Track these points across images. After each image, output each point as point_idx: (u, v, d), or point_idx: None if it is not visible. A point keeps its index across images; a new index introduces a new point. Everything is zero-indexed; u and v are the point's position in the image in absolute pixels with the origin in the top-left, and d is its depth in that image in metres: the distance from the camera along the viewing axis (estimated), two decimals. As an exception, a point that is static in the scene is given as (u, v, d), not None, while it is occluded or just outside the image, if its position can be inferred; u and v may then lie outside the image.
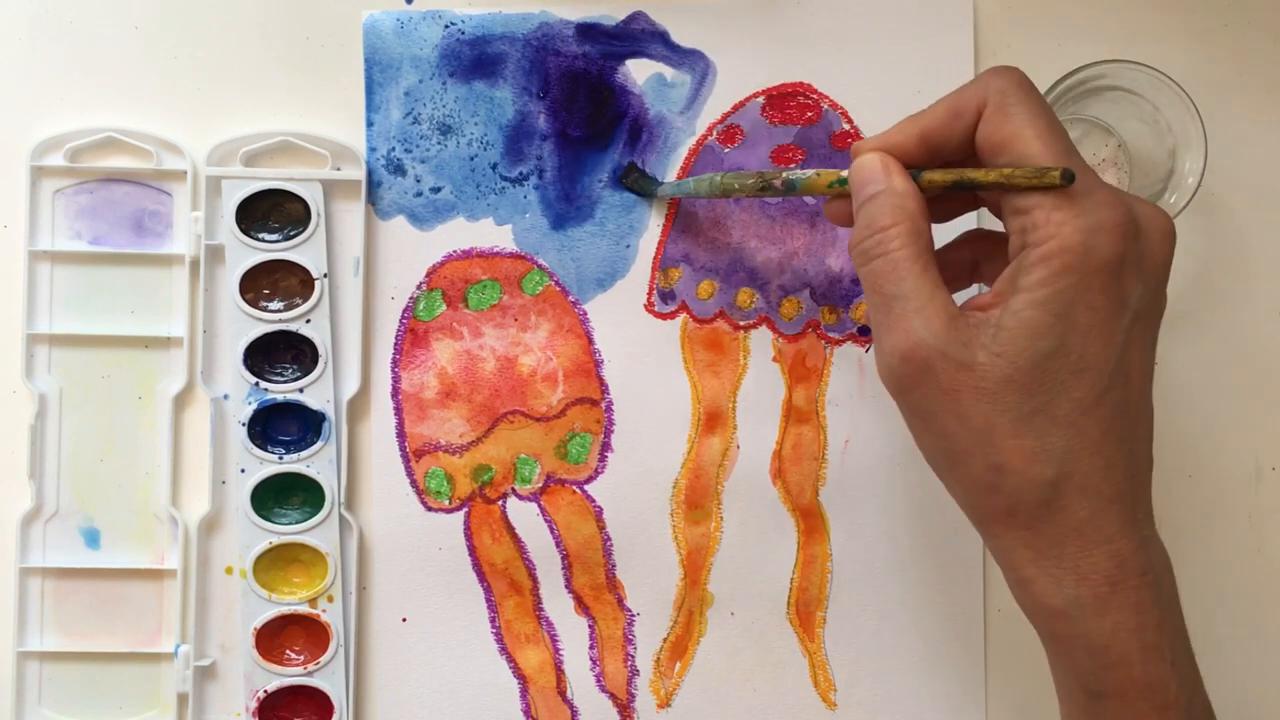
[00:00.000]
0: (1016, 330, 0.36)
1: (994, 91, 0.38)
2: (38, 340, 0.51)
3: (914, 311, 0.37)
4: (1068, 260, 0.36)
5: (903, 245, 0.37)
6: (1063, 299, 0.36)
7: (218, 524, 0.52)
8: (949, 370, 0.36)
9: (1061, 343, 0.36)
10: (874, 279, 0.38)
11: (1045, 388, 0.36)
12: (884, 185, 0.38)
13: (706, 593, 0.52)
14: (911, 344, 0.37)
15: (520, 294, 0.52)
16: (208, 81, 0.52)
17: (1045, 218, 0.36)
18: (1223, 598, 0.52)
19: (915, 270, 0.37)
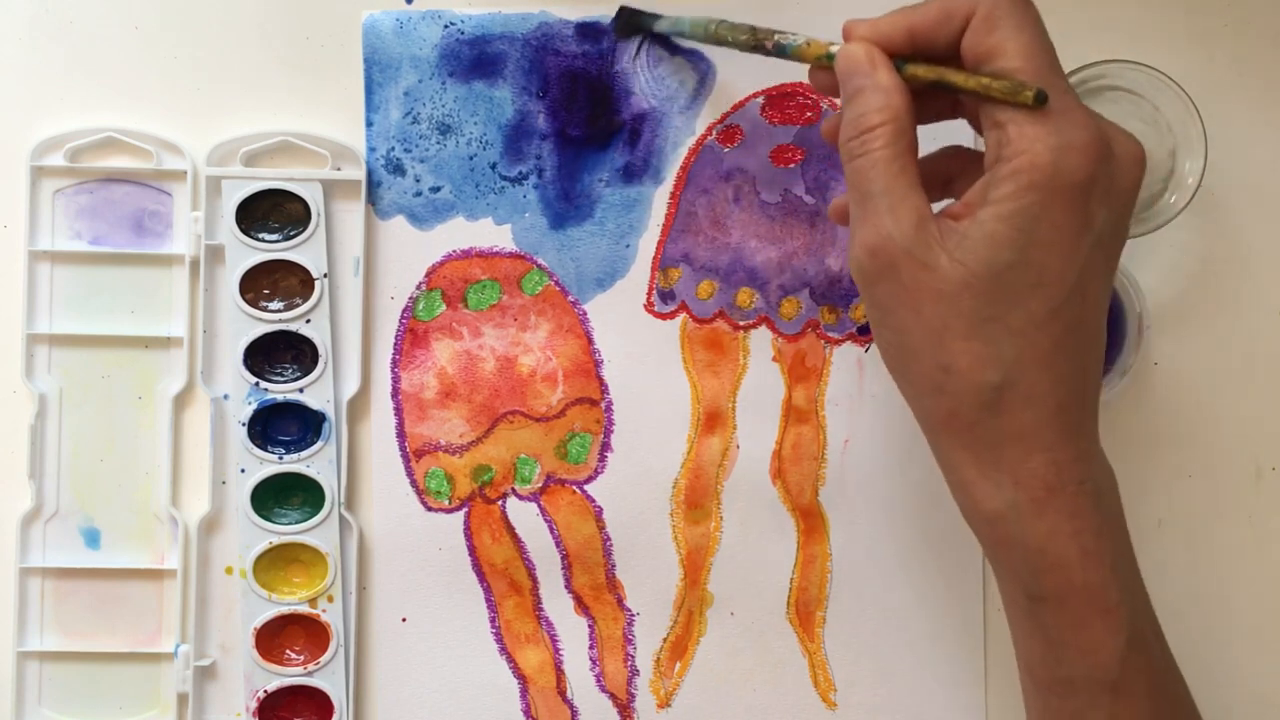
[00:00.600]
0: (979, 240, 0.37)
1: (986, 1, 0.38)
2: (38, 340, 0.51)
3: (886, 210, 0.38)
4: (1036, 177, 0.36)
5: (885, 145, 0.38)
6: (1027, 214, 0.36)
7: (218, 524, 0.52)
8: (911, 269, 0.37)
9: (1022, 256, 0.36)
10: (855, 175, 0.39)
11: (1001, 297, 0.37)
12: (869, 80, 0.39)
13: (706, 593, 0.52)
14: (880, 239, 0.38)
15: (520, 294, 0.52)
16: (208, 81, 0.52)
17: (1018, 133, 0.36)
18: (1223, 598, 0.52)
19: (894, 170, 0.38)
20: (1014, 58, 0.37)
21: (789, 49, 0.44)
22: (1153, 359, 0.52)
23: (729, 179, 0.52)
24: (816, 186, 0.52)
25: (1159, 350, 0.52)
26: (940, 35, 0.39)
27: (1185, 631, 0.52)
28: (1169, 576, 0.52)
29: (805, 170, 0.52)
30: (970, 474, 0.39)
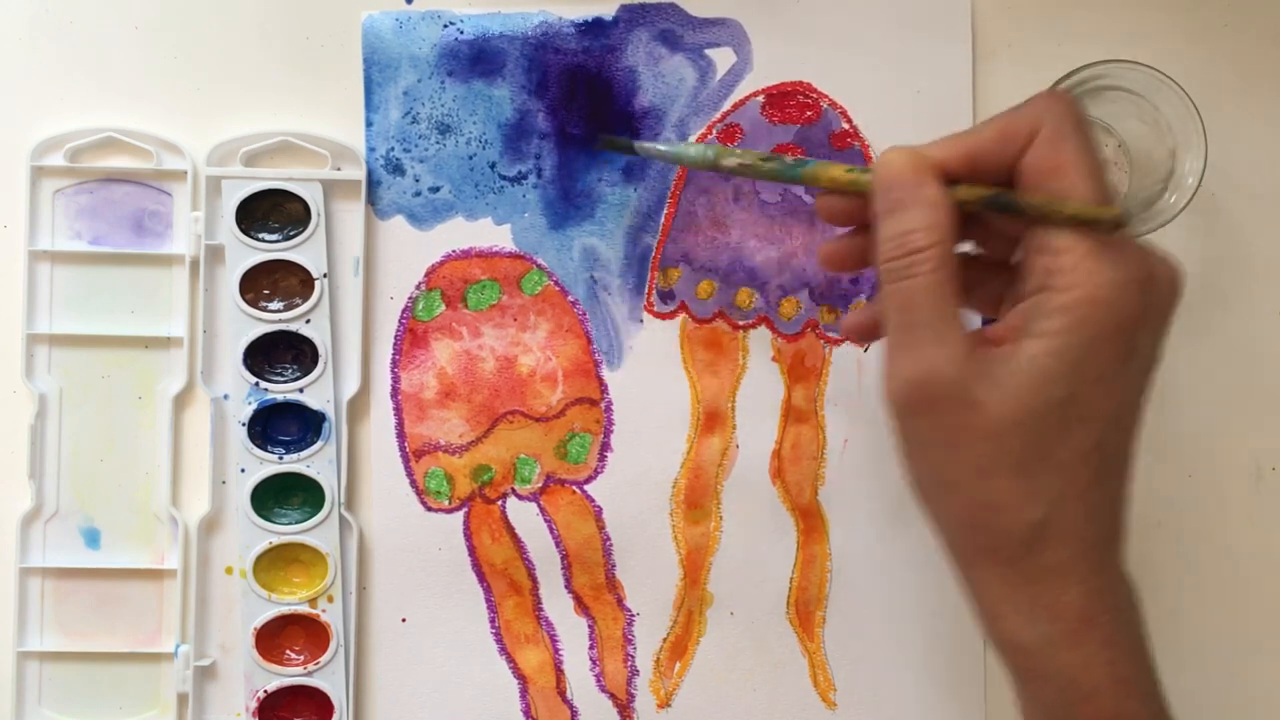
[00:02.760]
0: (1031, 376, 0.36)
1: (1050, 118, 0.37)
2: (38, 340, 0.51)
3: (934, 340, 0.36)
4: (1091, 312, 0.35)
5: (934, 269, 0.36)
6: (1078, 350, 0.35)
7: (218, 524, 0.52)
8: (957, 406, 0.36)
9: (1071, 392, 0.36)
10: (899, 300, 0.37)
11: (1049, 434, 0.36)
12: (914, 193, 0.37)
13: (706, 593, 0.52)
14: (926, 373, 0.36)
15: (519, 294, 0.52)
16: (208, 81, 0.52)
17: (1074, 264, 0.35)
18: (1223, 598, 0.52)
19: (942, 297, 0.36)
20: (1082, 178, 0.36)
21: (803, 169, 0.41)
22: (1153, 359, 0.52)
23: (729, 179, 0.52)
24: (816, 186, 0.52)
25: (1159, 350, 0.52)
26: (997, 157, 0.38)
27: (1185, 631, 0.52)
28: (1169, 576, 0.52)
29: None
30: (1003, 607, 0.37)
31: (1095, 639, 0.36)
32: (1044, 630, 0.37)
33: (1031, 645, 0.37)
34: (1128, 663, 0.37)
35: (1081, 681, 0.37)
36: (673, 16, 0.52)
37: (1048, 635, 0.37)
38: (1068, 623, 0.36)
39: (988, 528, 0.37)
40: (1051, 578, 0.37)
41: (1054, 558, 0.36)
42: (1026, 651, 0.37)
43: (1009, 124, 0.38)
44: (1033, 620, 0.37)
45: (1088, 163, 0.36)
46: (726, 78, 0.52)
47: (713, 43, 0.52)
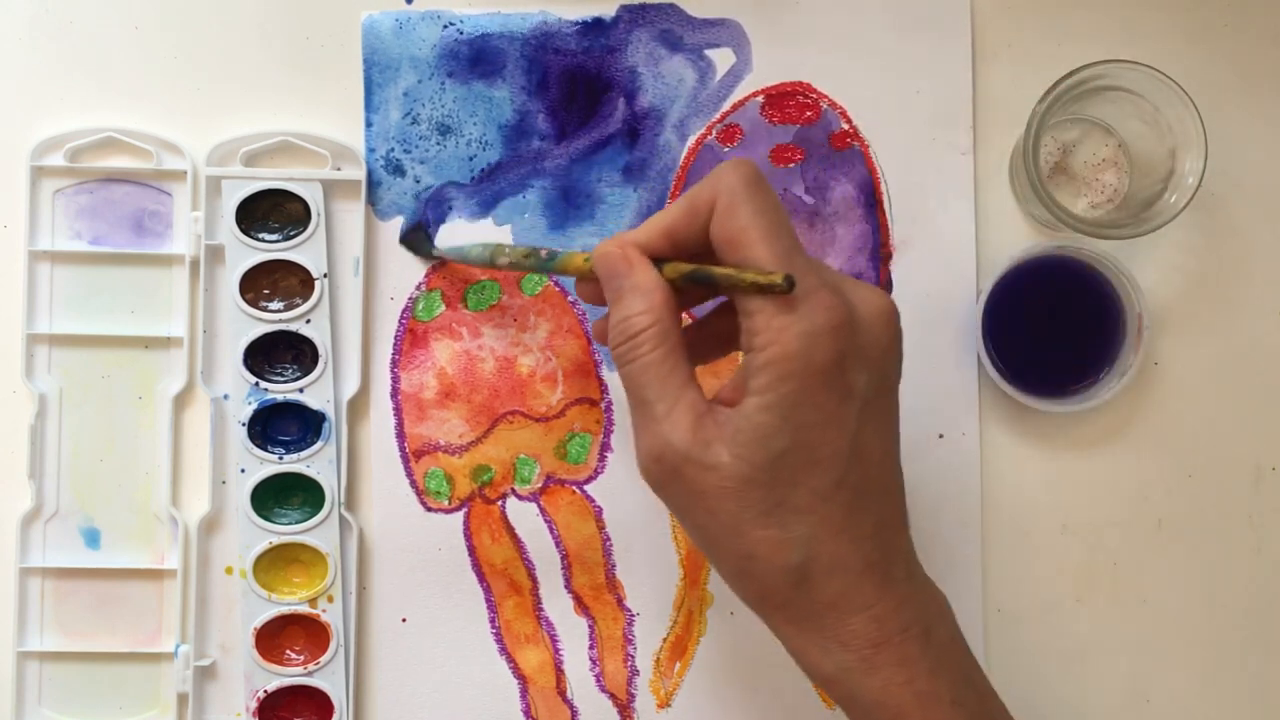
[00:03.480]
0: (750, 433, 0.37)
1: (723, 189, 0.39)
2: (38, 340, 0.51)
3: (662, 416, 0.38)
4: (789, 366, 0.37)
5: (652, 348, 0.39)
6: (788, 402, 0.37)
7: (218, 524, 0.52)
8: (694, 472, 0.38)
9: (793, 441, 0.37)
10: (628, 382, 0.39)
11: (782, 482, 0.38)
12: (629, 280, 0.40)
13: (706, 593, 0.52)
14: (660, 448, 0.38)
15: (519, 294, 0.52)
16: (208, 81, 0.52)
17: (765, 324, 0.37)
18: (1223, 598, 0.52)
19: (664, 373, 0.38)
20: (756, 245, 0.38)
21: (556, 260, 0.44)
22: (1153, 359, 0.52)
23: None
24: (816, 186, 0.52)
25: (1159, 350, 0.52)
26: (692, 229, 0.40)
27: (1185, 631, 0.52)
28: (1169, 576, 0.52)
29: (805, 170, 0.52)
30: (797, 644, 0.40)
31: (890, 661, 0.38)
32: (838, 660, 0.39)
33: (832, 675, 0.39)
34: (929, 678, 0.38)
35: (886, 703, 0.38)
36: (672, 17, 0.52)
37: (843, 664, 0.39)
38: (859, 651, 0.38)
39: (754, 576, 0.39)
40: (830, 612, 0.38)
41: (826, 593, 0.38)
42: (830, 681, 0.39)
43: (694, 198, 0.39)
44: (826, 653, 0.39)
45: (759, 228, 0.38)
46: (726, 78, 0.52)
47: (712, 43, 0.52)
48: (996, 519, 0.52)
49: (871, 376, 0.38)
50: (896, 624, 0.38)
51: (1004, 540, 0.52)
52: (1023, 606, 0.52)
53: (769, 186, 0.39)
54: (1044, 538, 0.52)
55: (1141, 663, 0.52)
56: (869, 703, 0.39)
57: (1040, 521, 0.52)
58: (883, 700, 0.38)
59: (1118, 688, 0.52)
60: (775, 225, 0.38)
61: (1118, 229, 0.49)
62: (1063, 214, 0.49)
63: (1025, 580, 0.52)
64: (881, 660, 0.38)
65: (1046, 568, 0.52)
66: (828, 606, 0.38)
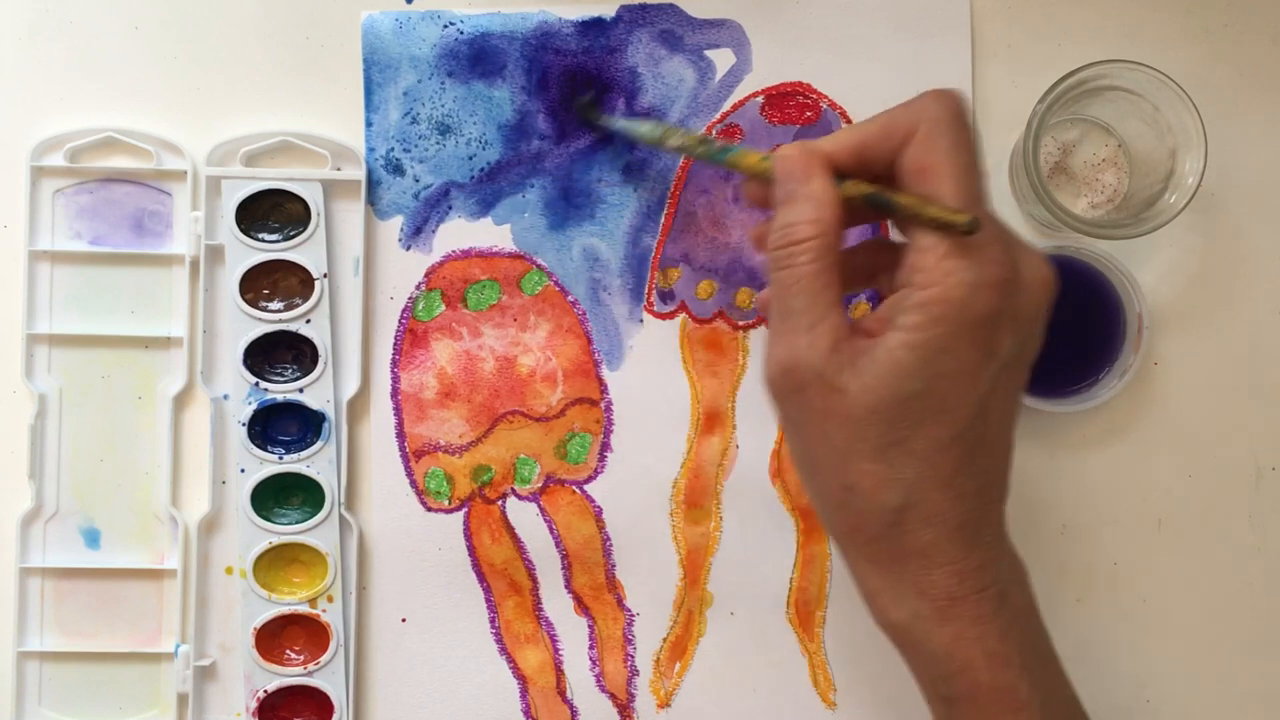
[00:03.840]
0: (887, 367, 0.37)
1: (927, 118, 0.38)
2: (38, 340, 0.51)
3: (804, 328, 0.38)
4: (944, 310, 0.37)
5: (811, 260, 0.38)
6: (933, 346, 0.37)
7: (218, 524, 0.52)
8: (821, 391, 0.38)
9: (926, 385, 0.37)
10: (779, 288, 0.39)
11: (905, 423, 0.37)
12: (804, 186, 0.39)
13: (706, 593, 0.52)
14: (793, 359, 0.38)
15: (519, 294, 0.52)
16: (208, 81, 0.52)
17: (934, 263, 0.37)
18: (1223, 598, 0.52)
19: (816, 288, 0.38)
20: (947, 179, 0.37)
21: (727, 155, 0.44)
22: (1153, 359, 0.52)
23: (728, 179, 0.52)
24: (816, 186, 0.52)
25: (1159, 350, 0.52)
26: (883, 151, 0.39)
27: (1185, 631, 0.52)
28: (1169, 576, 0.52)
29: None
30: (875, 584, 0.40)
31: (963, 616, 0.38)
32: (912, 607, 0.39)
33: (903, 622, 0.39)
34: (999, 638, 0.38)
35: (954, 655, 0.39)
36: (672, 17, 0.52)
37: (916, 612, 0.39)
38: (935, 601, 0.38)
39: (851, 508, 0.39)
40: (916, 559, 0.38)
41: (917, 540, 0.38)
42: (899, 627, 0.39)
43: (892, 120, 0.39)
44: (901, 598, 0.39)
45: (955, 165, 0.38)
46: (726, 78, 0.52)
47: (712, 44, 0.52)
48: (996, 519, 0.52)
49: (1016, 341, 0.38)
50: (976, 582, 0.38)
51: (1004, 540, 0.52)
52: (1023, 606, 0.52)
53: (970, 125, 0.39)
54: (1044, 538, 0.52)
55: (1141, 663, 0.52)
56: (937, 652, 0.39)
57: (1040, 521, 0.52)
58: (951, 652, 0.38)
59: (1118, 688, 0.52)
60: (970, 165, 0.38)
61: (1118, 229, 0.49)
62: (1063, 214, 0.49)
63: (1025, 580, 0.52)
64: (956, 613, 0.38)
65: (1046, 568, 0.52)
66: (915, 553, 0.38)
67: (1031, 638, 0.40)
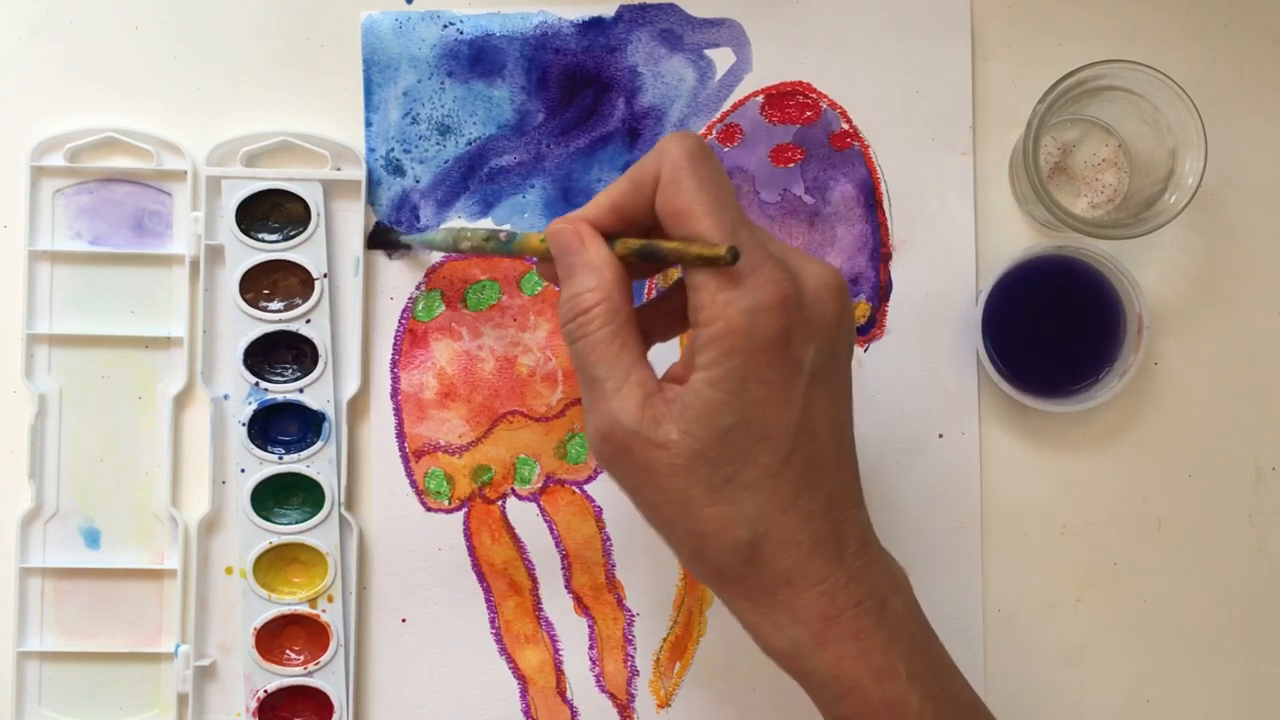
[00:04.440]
0: (699, 409, 0.37)
1: (666, 163, 0.38)
2: (38, 340, 0.51)
3: (611, 393, 0.38)
4: (734, 341, 0.37)
5: (601, 325, 0.38)
6: (734, 376, 0.37)
7: (218, 524, 0.52)
8: (643, 449, 0.38)
9: (740, 417, 0.37)
10: (578, 360, 0.39)
11: (731, 458, 0.37)
12: (579, 257, 0.39)
13: (706, 593, 0.52)
14: (609, 425, 0.38)
15: (519, 294, 0.52)
16: (208, 81, 0.52)
17: (711, 299, 0.37)
18: (1223, 598, 0.52)
19: (613, 350, 0.38)
20: (702, 217, 0.38)
21: (514, 240, 0.44)
22: (1153, 359, 0.52)
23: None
24: (815, 186, 0.52)
25: (1159, 350, 0.52)
26: (638, 204, 0.39)
27: (1185, 631, 0.52)
28: (1169, 576, 0.52)
29: (804, 170, 0.52)
30: (752, 619, 0.39)
31: (843, 635, 0.38)
32: (791, 635, 0.39)
33: (786, 650, 0.39)
34: (883, 652, 0.38)
35: (840, 676, 0.38)
36: (672, 16, 0.52)
37: (796, 639, 0.39)
38: (810, 625, 0.38)
39: (706, 554, 0.39)
40: (782, 587, 0.38)
41: (777, 569, 0.38)
42: (785, 656, 0.39)
43: (637, 173, 0.39)
44: (778, 627, 0.39)
45: (704, 201, 0.38)
46: (726, 78, 0.52)
47: (712, 43, 0.52)
48: (996, 519, 0.52)
49: (820, 351, 0.38)
50: (848, 599, 0.38)
51: (1004, 540, 0.52)
52: (1022, 606, 0.52)
53: (714, 159, 0.39)
54: (1044, 538, 0.52)
55: (1141, 663, 0.52)
56: (824, 677, 0.39)
57: (1040, 521, 0.52)
58: (836, 674, 0.38)
59: (1118, 688, 0.52)
60: (720, 199, 0.38)
61: (1118, 229, 0.49)
62: (1063, 214, 0.49)
63: (1025, 580, 0.52)
64: (834, 635, 0.38)
65: (1046, 568, 0.52)
66: (780, 582, 0.38)
67: (919, 645, 0.40)
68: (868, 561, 0.39)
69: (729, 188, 0.39)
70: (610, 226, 0.40)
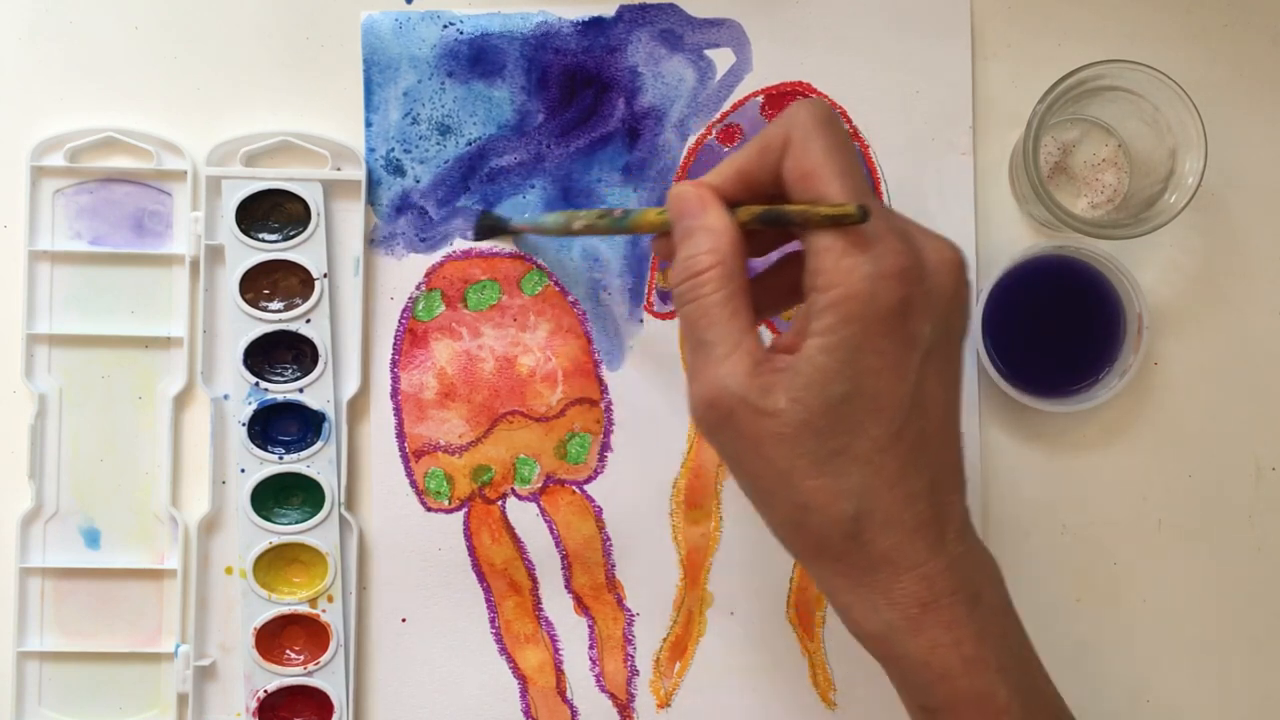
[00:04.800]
0: (811, 376, 0.37)
1: (796, 126, 0.38)
2: (38, 340, 0.51)
3: (720, 359, 0.38)
4: (853, 308, 0.36)
5: (715, 289, 0.38)
6: (850, 344, 0.36)
7: (218, 524, 0.52)
8: (750, 417, 0.37)
9: (853, 386, 0.37)
10: (688, 323, 0.39)
11: (841, 429, 0.37)
12: (699, 220, 0.39)
13: (706, 592, 0.52)
14: (715, 391, 0.38)
15: (519, 294, 0.52)
16: (208, 81, 0.52)
17: (833, 264, 0.37)
18: (1223, 598, 0.52)
19: (725, 315, 0.38)
20: (831, 179, 0.37)
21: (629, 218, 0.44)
22: (1153, 359, 0.52)
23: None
24: (816, 186, 0.52)
25: (1159, 350, 0.52)
26: (764, 169, 0.39)
27: (1185, 631, 0.52)
28: (1169, 576, 0.52)
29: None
30: (846, 599, 0.39)
31: (938, 622, 0.38)
32: (886, 618, 0.38)
33: (878, 632, 0.38)
34: (976, 642, 0.38)
35: (931, 664, 0.38)
36: (672, 17, 0.52)
37: (890, 622, 0.38)
38: (906, 610, 0.38)
39: (808, 527, 0.38)
40: (882, 567, 0.38)
41: (879, 548, 0.38)
42: (875, 639, 0.39)
43: (765, 138, 0.39)
44: (874, 609, 0.38)
45: (834, 163, 0.38)
46: (726, 78, 0.52)
47: (712, 43, 0.52)
48: (996, 519, 0.52)
49: (936, 326, 0.38)
50: (946, 585, 0.38)
51: (1004, 540, 0.52)
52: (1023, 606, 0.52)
53: (842, 125, 0.39)
54: (1044, 538, 0.52)
55: (1141, 663, 0.52)
56: (914, 662, 0.38)
57: (1040, 521, 0.52)
58: (928, 661, 0.38)
59: (1118, 688, 0.52)
60: (848, 163, 0.38)
61: (1118, 229, 0.49)
62: (1063, 214, 0.49)
63: (1025, 580, 0.52)
64: (928, 621, 0.38)
65: (1046, 568, 0.52)
66: (880, 561, 0.38)
67: (1009, 638, 0.40)
68: (966, 550, 0.39)
69: (856, 154, 0.39)
70: (733, 193, 0.40)
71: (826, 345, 0.37)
